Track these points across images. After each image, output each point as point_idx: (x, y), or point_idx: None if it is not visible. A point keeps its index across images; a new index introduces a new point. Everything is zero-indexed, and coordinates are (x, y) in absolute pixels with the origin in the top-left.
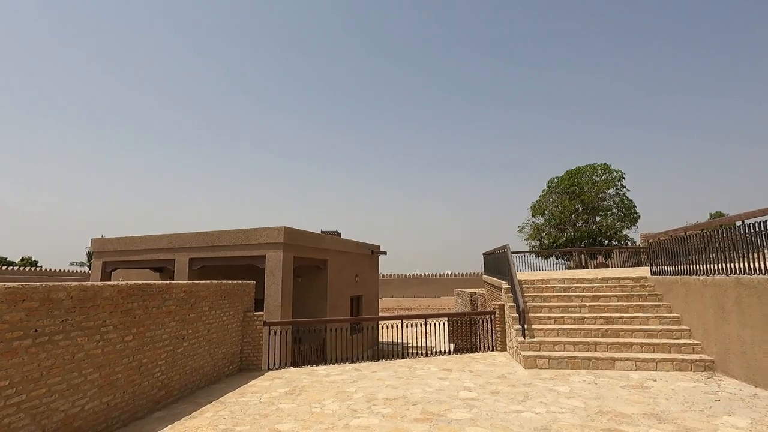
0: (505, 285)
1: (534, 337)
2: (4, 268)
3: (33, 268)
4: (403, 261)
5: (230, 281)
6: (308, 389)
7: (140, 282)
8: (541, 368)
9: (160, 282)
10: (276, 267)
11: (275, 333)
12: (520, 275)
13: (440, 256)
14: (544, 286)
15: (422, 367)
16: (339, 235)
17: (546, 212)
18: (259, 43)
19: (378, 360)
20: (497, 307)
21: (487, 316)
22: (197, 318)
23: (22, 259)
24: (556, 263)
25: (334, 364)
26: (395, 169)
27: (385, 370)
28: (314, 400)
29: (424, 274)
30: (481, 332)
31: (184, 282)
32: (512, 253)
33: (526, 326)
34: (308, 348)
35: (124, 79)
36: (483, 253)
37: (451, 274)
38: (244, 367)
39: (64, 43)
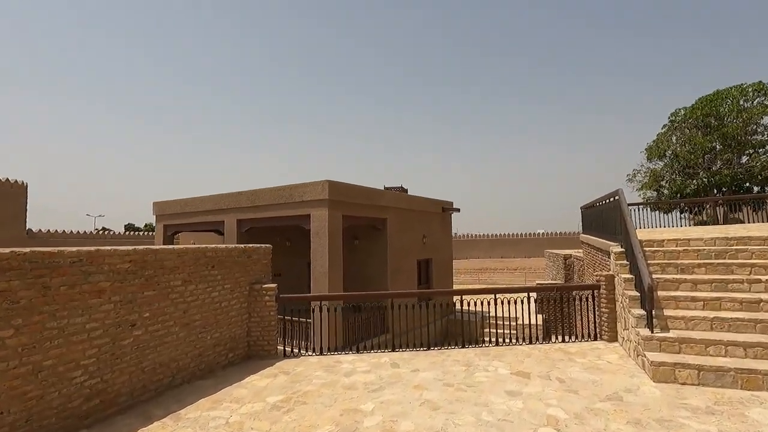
0: (616, 248)
1: (668, 329)
2: (130, 233)
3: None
4: (491, 220)
5: (222, 246)
6: (309, 399)
7: (27, 250)
8: (685, 384)
9: (74, 249)
10: (321, 227)
11: (320, 307)
12: (639, 234)
13: (532, 214)
14: (680, 249)
15: (486, 366)
16: (405, 191)
17: (668, 154)
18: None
19: (432, 348)
20: (603, 279)
21: (589, 292)
22: (161, 296)
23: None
24: (680, 219)
25: (369, 352)
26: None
27: (431, 369)
28: (304, 426)
29: (514, 234)
30: (579, 312)
31: (130, 248)
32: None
33: (655, 312)
34: (367, 318)
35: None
36: (581, 207)
37: (544, 233)
38: (253, 353)
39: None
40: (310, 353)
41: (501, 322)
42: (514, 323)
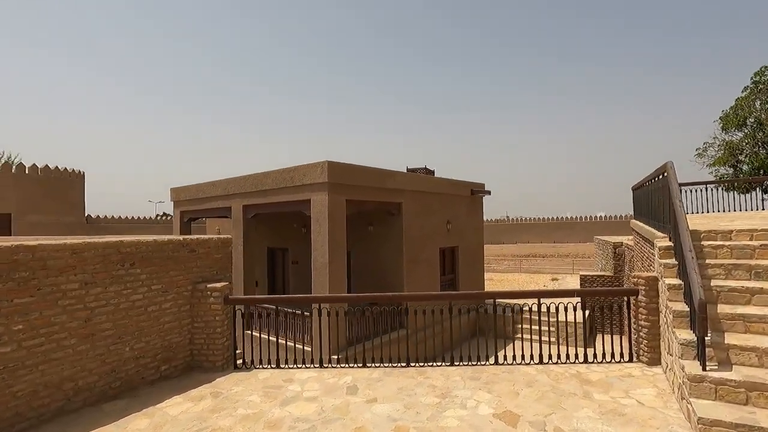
0: (661, 241)
1: (730, 366)
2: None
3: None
4: (547, 201)
5: (149, 238)
6: None
7: None
8: None
9: None
10: (321, 213)
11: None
12: (700, 221)
13: (592, 196)
14: (756, 244)
15: (467, 398)
16: (431, 173)
17: (749, 122)
18: None
19: (413, 365)
20: (643, 281)
21: (623, 298)
22: (45, 303)
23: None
24: (762, 201)
25: (330, 367)
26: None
27: (393, 399)
28: None
29: (570, 218)
30: (610, 320)
31: None
32: (682, 184)
33: (710, 338)
34: (380, 312)
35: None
36: (632, 188)
37: (605, 216)
38: (196, 364)
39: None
40: (265, 366)
41: (537, 317)
42: (553, 319)
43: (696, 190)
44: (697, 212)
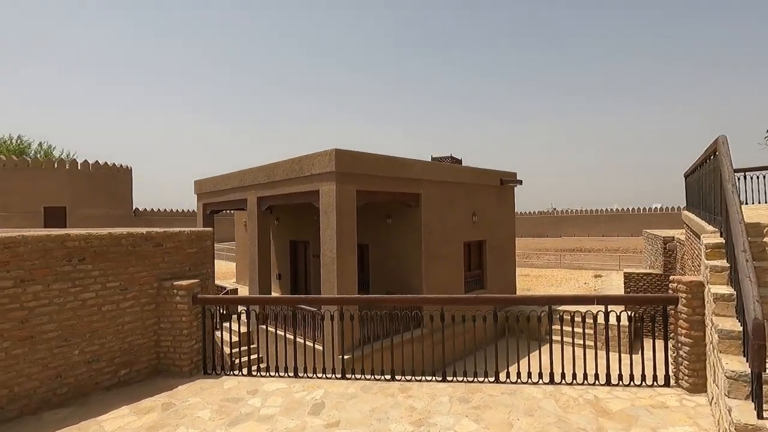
0: (709, 237)
1: None
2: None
3: None
4: (597, 191)
5: (103, 231)
6: None
7: None
8: None
9: None
10: (329, 205)
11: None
12: (766, 213)
13: (647, 186)
14: None
15: (450, 425)
16: (457, 161)
17: None
18: None
19: (398, 379)
20: (684, 287)
21: (659, 307)
22: None
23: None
24: None
25: (305, 378)
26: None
27: (357, 425)
28: None
29: (619, 209)
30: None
31: None
32: (747, 169)
33: None
34: (394, 309)
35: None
36: (684, 174)
37: (661, 208)
38: (163, 368)
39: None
40: (235, 372)
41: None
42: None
43: (762, 175)
44: (766, 202)
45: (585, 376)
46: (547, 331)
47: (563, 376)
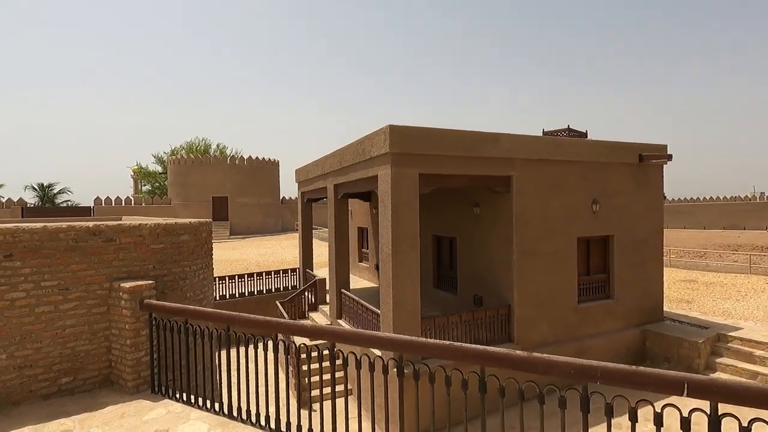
0: None
1: None
2: None
3: None
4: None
5: (37, 224)
6: None
7: None
8: None
9: None
10: (385, 192)
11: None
12: None
13: None
14: None
15: None
16: (582, 135)
17: None
18: None
19: None
20: None
21: None
22: None
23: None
24: None
25: (238, 421)
26: None
27: None
28: None
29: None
30: None
31: None
32: None
33: None
34: (490, 318)
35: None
36: None
37: None
38: (115, 378)
39: None
40: (178, 398)
41: (745, 348)
42: None
43: None
44: None
45: None
46: (709, 365)
47: None
